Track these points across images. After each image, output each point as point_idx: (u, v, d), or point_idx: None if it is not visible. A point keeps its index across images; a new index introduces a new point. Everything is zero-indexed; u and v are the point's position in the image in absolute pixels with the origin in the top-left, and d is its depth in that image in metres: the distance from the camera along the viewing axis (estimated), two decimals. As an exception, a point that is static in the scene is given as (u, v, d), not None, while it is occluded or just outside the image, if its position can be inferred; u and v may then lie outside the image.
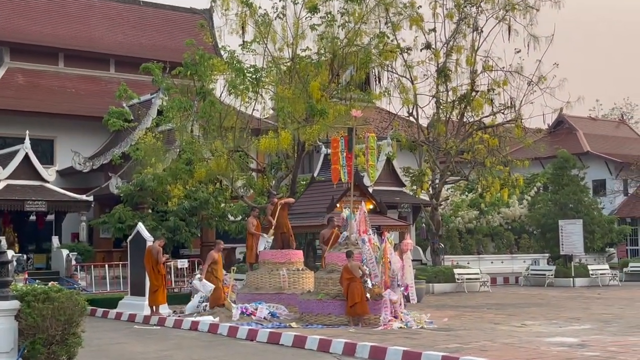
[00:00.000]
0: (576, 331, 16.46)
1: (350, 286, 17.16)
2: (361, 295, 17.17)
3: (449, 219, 38.59)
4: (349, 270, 17.40)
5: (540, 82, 29.21)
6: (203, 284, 19.08)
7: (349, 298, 17.17)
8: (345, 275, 17.38)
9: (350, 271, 17.38)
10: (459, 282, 29.38)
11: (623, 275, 35.83)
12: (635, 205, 48.28)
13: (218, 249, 19.84)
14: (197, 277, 19.13)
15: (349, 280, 17.25)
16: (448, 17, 29.48)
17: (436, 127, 30.06)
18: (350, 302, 17.16)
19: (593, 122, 60.27)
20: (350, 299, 17.14)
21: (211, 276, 19.22)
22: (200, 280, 19.09)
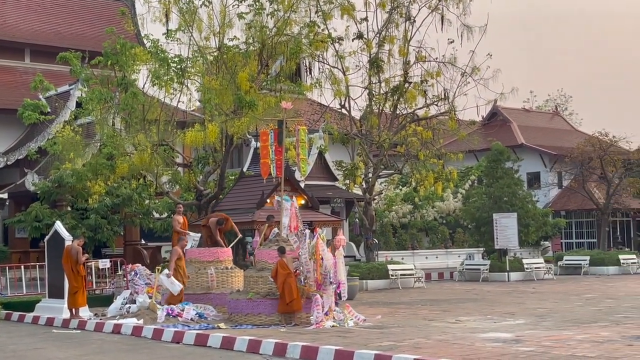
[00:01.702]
0: (511, 326, 16.34)
1: (287, 282, 16.85)
2: (297, 291, 16.91)
3: (383, 213, 38.19)
4: (285, 266, 17.05)
5: (474, 73, 29.00)
6: (171, 282, 18.47)
7: (286, 294, 16.83)
8: (281, 270, 16.99)
9: (286, 266, 17.05)
10: (393, 278, 29.03)
11: (558, 269, 35.97)
12: (569, 198, 48.71)
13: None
14: (165, 273, 18.44)
15: (285, 275, 16.90)
16: (380, 7, 29.04)
17: (369, 119, 29.58)
18: (288, 299, 16.84)
19: (527, 113, 60.83)
20: (288, 295, 16.82)
21: (176, 273, 18.70)
22: (168, 276, 18.44)
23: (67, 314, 19.17)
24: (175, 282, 18.49)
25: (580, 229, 50.76)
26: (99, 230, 25.77)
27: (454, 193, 41.26)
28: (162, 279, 18.42)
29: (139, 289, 20.16)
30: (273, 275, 17.11)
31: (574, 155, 41.91)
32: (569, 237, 50.57)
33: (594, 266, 35.82)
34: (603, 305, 20.63)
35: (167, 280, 18.46)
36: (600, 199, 42.77)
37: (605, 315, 18.17)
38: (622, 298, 22.84)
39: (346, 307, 17.66)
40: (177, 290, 18.45)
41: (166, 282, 18.48)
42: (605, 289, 26.60)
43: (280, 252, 17.30)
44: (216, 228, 20.46)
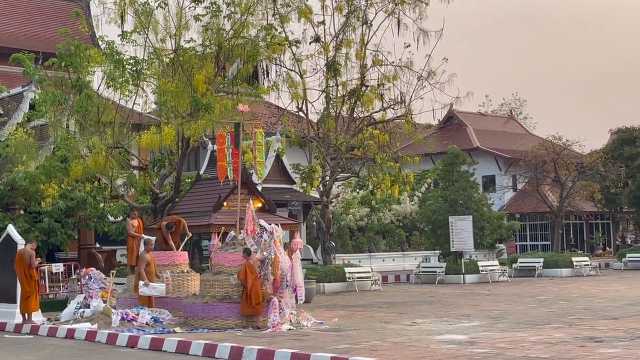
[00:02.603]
0: (466, 328, 16.46)
1: (255, 284, 16.83)
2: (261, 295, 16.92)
3: (340, 216, 38.26)
4: (253, 268, 16.99)
5: (430, 77, 29.19)
6: (152, 287, 18.31)
7: (252, 297, 16.77)
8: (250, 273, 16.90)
9: (254, 269, 17.03)
10: (350, 281, 29.08)
11: (512, 271, 36.39)
12: (524, 201, 49.33)
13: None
14: (143, 284, 18.25)
15: (254, 279, 16.86)
16: (337, 10, 29.09)
17: (326, 122, 29.61)
18: (255, 301, 16.81)
19: (482, 117, 61.50)
20: (254, 298, 16.79)
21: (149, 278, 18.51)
22: (146, 285, 18.25)
23: (20, 319, 18.92)
24: (155, 285, 18.38)
25: (535, 231, 51.43)
26: (52, 233, 25.39)
27: (410, 196, 41.50)
28: (143, 290, 18.26)
29: (93, 293, 19.96)
30: (242, 277, 17.00)
31: (528, 159, 42.43)
32: (524, 240, 51.20)
33: (547, 268, 36.30)
34: (556, 307, 20.91)
35: (147, 290, 18.32)
36: (553, 202, 43.35)
37: (558, 316, 18.42)
38: (575, 300, 23.17)
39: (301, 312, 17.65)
40: (162, 289, 18.34)
41: (147, 291, 18.33)
42: (558, 291, 26.96)
43: (246, 254, 17.19)
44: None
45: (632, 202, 43.75)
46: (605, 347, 13.27)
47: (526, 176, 45.18)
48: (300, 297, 17.87)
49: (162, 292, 18.38)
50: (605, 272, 38.97)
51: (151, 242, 19.39)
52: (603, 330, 15.60)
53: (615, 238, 53.63)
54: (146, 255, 18.73)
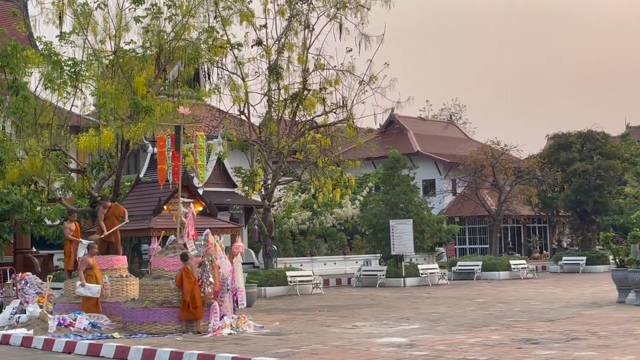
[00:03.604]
0: (406, 331, 16.60)
1: (193, 289, 16.67)
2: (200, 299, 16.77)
3: (282, 220, 38.23)
4: (190, 273, 16.81)
5: (372, 81, 29.38)
6: (88, 288, 18.08)
7: (190, 301, 16.62)
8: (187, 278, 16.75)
9: (191, 274, 16.87)
10: (292, 285, 29.08)
11: (452, 274, 36.81)
12: (463, 205, 49.98)
13: (92, 253, 18.78)
14: (79, 284, 18.06)
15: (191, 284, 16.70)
16: (279, 14, 29.11)
17: (268, 126, 29.57)
18: (192, 307, 16.63)
19: (423, 122, 62.19)
20: (192, 303, 16.62)
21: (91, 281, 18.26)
22: (82, 285, 18.06)
23: (-47, 325, 18.37)
24: (90, 285, 18.16)
25: (473, 235, 52.19)
26: (-13, 237, 24.82)
27: (352, 200, 41.70)
28: (80, 290, 18.08)
29: (30, 298, 19.58)
30: (178, 283, 16.86)
31: (467, 163, 43.02)
32: (463, 243, 51.91)
33: (486, 271, 36.83)
34: (494, 309, 21.23)
35: (83, 290, 18.12)
36: (492, 206, 44.02)
37: (496, 319, 18.70)
38: (512, 302, 23.54)
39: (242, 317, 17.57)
40: (96, 290, 18.15)
41: (83, 291, 18.13)
42: (496, 293, 27.37)
43: (183, 259, 17.04)
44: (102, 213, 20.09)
45: (568, 206, 44.67)
46: (541, 348, 13.53)
47: (465, 180, 45.78)
48: (241, 301, 17.81)
49: (96, 294, 18.17)
50: (542, 274, 39.71)
51: (95, 247, 19.12)
52: (539, 332, 15.90)
53: (552, 241, 54.72)
54: (89, 259, 18.49)
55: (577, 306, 21.66)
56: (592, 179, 42.30)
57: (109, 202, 20.86)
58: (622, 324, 16.89)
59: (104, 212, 20.26)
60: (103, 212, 20.28)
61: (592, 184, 42.30)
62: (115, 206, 20.80)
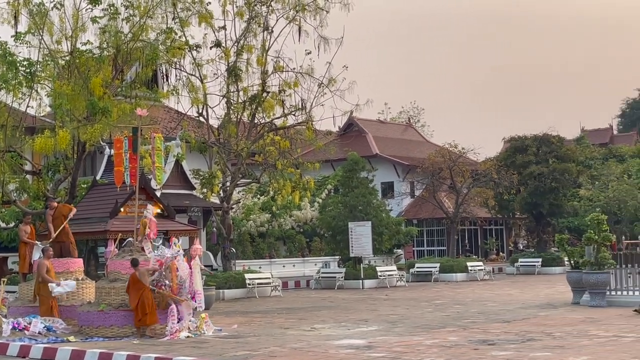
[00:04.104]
0: (364, 333, 16.66)
1: (142, 296, 16.43)
2: (151, 305, 16.53)
3: (241, 222, 38.11)
4: (138, 280, 16.55)
5: (331, 84, 29.36)
6: (65, 284, 18.06)
7: (139, 309, 16.40)
8: (134, 285, 16.56)
9: (139, 280, 16.61)
10: (250, 287, 28.99)
11: (410, 276, 37.01)
12: (421, 207, 50.30)
13: (48, 255, 18.52)
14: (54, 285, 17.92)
15: (139, 290, 16.48)
16: (238, 16, 28.98)
17: (227, 128, 29.43)
18: (141, 314, 16.42)
19: (382, 125, 62.48)
20: (140, 310, 16.40)
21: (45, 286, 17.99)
22: (58, 284, 17.96)
23: None
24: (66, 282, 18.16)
25: (431, 237, 52.55)
26: (-61, 240, 24.35)
27: (311, 202, 41.72)
28: (57, 291, 17.93)
29: (-17, 302, 19.21)
30: (127, 290, 16.71)
31: (425, 166, 43.31)
32: (421, 245, 52.23)
33: (443, 273, 37.09)
34: (451, 311, 21.40)
35: (60, 289, 18.02)
36: (449, 208, 44.38)
37: (453, 320, 18.85)
38: (470, 303, 23.75)
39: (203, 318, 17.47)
40: (73, 284, 18.17)
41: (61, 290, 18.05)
42: (453, 295, 27.60)
43: (133, 265, 16.86)
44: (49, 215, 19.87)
45: (523, 208, 45.21)
46: (497, 349, 13.67)
47: (423, 183, 46.08)
48: (199, 303, 17.69)
49: (74, 287, 18.20)
50: (499, 276, 40.14)
51: (50, 250, 18.89)
52: (496, 333, 16.06)
53: (508, 243, 55.33)
54: (45, 262, 18.26)
55: (533, 307, 21.93)
56: (547, 182, 42.88)
57: (55, 202, 20.62)
58: (576, 325, 17.14)
59: (51, 214, 20.08)
60: (50, 214, 20.10)
61: (547, 186, 42.88)
62: (62, 206, 20.58)
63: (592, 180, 48.15)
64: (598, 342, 14.35)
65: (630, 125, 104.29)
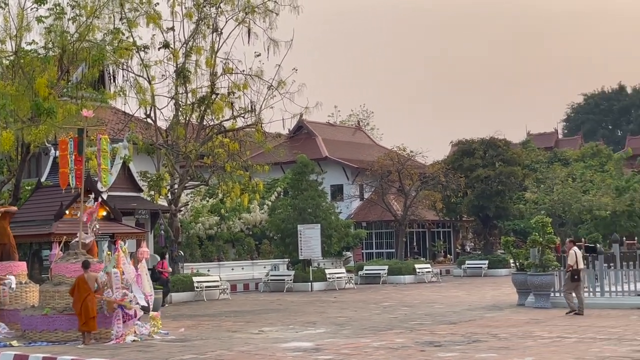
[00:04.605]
0: (312, 335, 16.68)
1: (86, 300, 16.19)
2: (95, 310, 16.31)
3: (189, 225, 37.85)
4: (85, 283, 16.29)
5: (280, 86, 29.30)
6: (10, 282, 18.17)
7: (83, 313, 16.16)
8: (80, 287, 16.31)
9: (86, 283, 16.40)
10: (198, 291, 28.79)
11: (358, 278, 37.13)
12: (370, 210, 50.55)
13: None
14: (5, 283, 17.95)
15: (85, 293, 16.23)
16: (187, 17, 28.74)
17: (175, 129, 29.17)
18: (85, 318, 16.16)
19: (332, 128, 62.67)
20: (85, 314, 16.15)
21: None
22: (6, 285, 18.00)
23: None
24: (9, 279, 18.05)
25: (380, 239, 52.84)
26: None
27: (260, 205, 41.62)
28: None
29: None
30: (71, 292, 16.44)
31: (374, 169, 43.53)
32: (370, 248, 52.48)
33: (392, 275, 37.30)
34: (399, 313, 21.54)
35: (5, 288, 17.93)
36: (398, 211, 44.69)
37: (400, 322, 18.98)
38: (417, 305, 23.93)
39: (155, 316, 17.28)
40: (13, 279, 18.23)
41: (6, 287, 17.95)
42: (401, 297, 27.78)
43: (84, 267, 16.61)
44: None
45: (471, 211, 45.73)
46: (443, 351, 13.81)
47: (372, 185, 46.34)
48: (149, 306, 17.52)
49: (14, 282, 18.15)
50: (446, 278, 40.51)
51: None
52: (442, 334, 16.21)
53: (456, 246, 55.94)
54: None
55: (479, 309, 22.18)
56: (494, 185, 43.45)
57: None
58: (521, 326, 17.39)
59: None
60: None
61: (494, 189, 43.45)
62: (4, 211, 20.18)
63: (537, 183, 48.91)
64: (542, 343, 14.59)
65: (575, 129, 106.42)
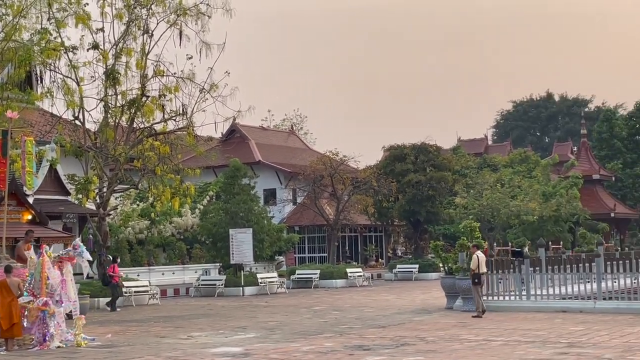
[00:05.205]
0: (241, 340, 16.60)
1: (10, 305, 15.79)
2: (19, 315, 15.89)
3: (119, 229, 37.24)
4: (8, 288, 15.92)
5: (212, 90, 29.04)
6: None
7: (7, 319, 15.74)
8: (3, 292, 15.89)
9: (9, 288, 15.99)
10: (127, 296, 28.35)
11: (291, 282, 37.11)
12: (302, 214, 50.60)
13: None
14: None
15: (9, 298, 15.83)
16: (117, 18, 28.24)
17: (104, 132, 28.62)
18: (8, 324, 15.74)
19: (265, 132, 62.59)
20: (8, 320, 15.73)
21: None
22: None
23: None
24: None
25: (313, 243, 52.96)
26: None
27: (192, 209, 41.24)
28: None
29: None
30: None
31: (307, 173, 43.59)
32: (302, 252, 52.54)
33: (324, 279, 37.40)
34: (329, 317, 21.59)
35: None
36: (330, 215, 44.83)
37: (330, 326, 19.02)
38: (347, 310, 24.03)
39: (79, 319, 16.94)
40: None
41: None
42: (332, 301, 27.86)
43: (6, 271, 16.19)
44: None
45: (402, 215, 46.19)
46: (372, 354, 13.89)
47: (305, 190, 46.42)
48: (75, 311, 17.20)
49: None
50: (378, 282, 40.80)
51: None
52: (371, 338, 16.31)
53: (387, 250, 56.39)
54: None
55: (408, 313, 22.39)
56: (425, 190, 43.98)
57: None
58: (449, 329, 17.62)
59: None
60: None
61: (424, 194, 43.97)
62: None
63: (467, 188, 49.69)
64: (468, 346, 14.79)
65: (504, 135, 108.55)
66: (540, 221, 47.37)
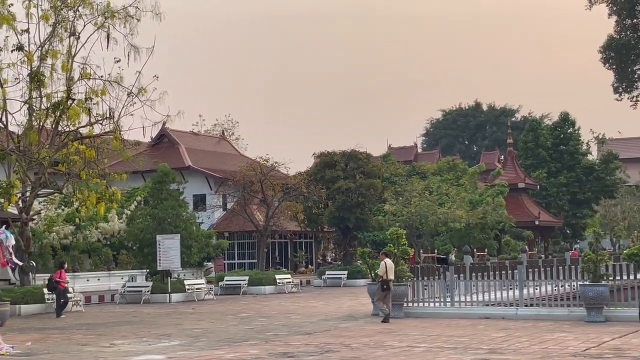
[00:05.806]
0: (165, 348, 16.42)
1: None
2: None
3: (43, 234, 36.46)
4: None
5: (141, 93, 28.62)
6: None
7: None
8: None
9: None
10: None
11: (219, 289, 36.85)
12: (232, 220, 50.32)
13: None
14: None
15: None
16: (43, 19, 27.65)
17: (28, 135, 27.96)
18: None
19: (195, 137, 62.13)
20: None
21: None
22: None
23: None
24: None
25: (242, 249, 52.75)
26: None
27: (119, 214, 40.64)
28: None
29: None
30: None
31: (237, 179, 43.40)
32: (232, 258, 52.27)
33: (252, 286, 37.23)
34: (256, 324, 21.51)
35: None
36: (260, 221, 44.70)
37: (256, 333, 18.95)
38: (274, 316, 23.98)
39: None
40: None
41: None
42: (260, 308, 27.77)
43: None
44: None
45: (331, 222, 46.36)
46: (296, 361, 13.87)
47: (235, 196, 46.17)
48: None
49: None
50: (307, 289, 40.84)
51: None
52: (296, 345, 16.29)
53: (317, 256, 56.54)
54: None
55: (335, 319, 22.46)
56: (354, 197, 44.23)
57: None
58: (374, 336, 17.74)
59: None
60: None
61: (354, 201, 44.22)
62: None
63: (396, 195, 50.17)
64: (392, 352, 14.91)
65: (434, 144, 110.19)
66: (467, 228, 48.10)
